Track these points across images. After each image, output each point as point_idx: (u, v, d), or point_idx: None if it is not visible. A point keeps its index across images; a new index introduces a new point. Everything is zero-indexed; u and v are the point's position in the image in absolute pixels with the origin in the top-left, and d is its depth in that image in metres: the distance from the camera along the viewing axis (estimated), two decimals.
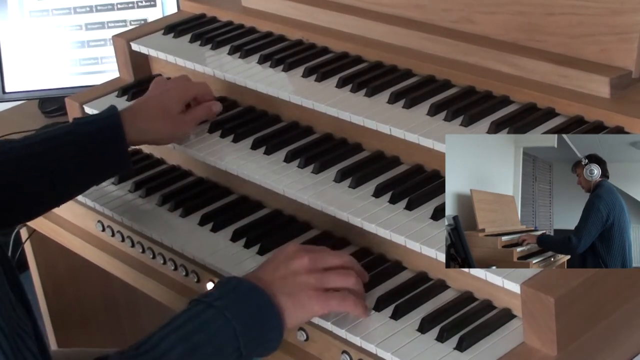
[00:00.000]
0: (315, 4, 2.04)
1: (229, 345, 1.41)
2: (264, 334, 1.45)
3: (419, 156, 1.71)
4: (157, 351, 1.37)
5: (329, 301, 1.49)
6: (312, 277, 1.50)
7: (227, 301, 1.44)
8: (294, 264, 1.51)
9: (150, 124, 1.84)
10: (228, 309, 1.42)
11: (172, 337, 1.38)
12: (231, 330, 1.41)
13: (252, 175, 1.78)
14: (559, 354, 1.39)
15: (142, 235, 1.86)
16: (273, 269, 1.51)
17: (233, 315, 1.42)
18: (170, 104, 1.87)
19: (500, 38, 1.79)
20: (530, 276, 1.41)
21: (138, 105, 1.88)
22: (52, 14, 2.51)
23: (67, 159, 1.76)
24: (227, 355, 1.41)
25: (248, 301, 1.45)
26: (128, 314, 2.60)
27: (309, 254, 1.53)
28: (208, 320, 1.41)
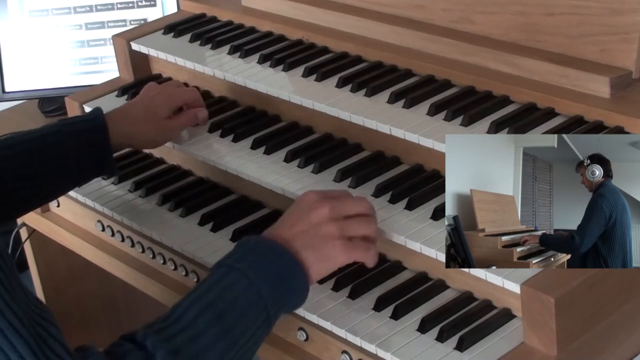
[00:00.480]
0: (315, 4, 2.04)
1: (256, 306, 1.40)
2: (289, 292, 1.43)
3: (419, 156, 1.71)
4: (185, 321, 1.35)
5: (354, 250, 1.48)
6: (334, 226, 1.47)
7: (250, 262, 1.42)
8: (314, 215, 1.48)
9: (135, 127, 1.84)
10: (251, 269, 1.41)
11: (198, 305, 1.37)
12: (256, 290, 1.40)
13: (252, 175, 1.78)
14: (559, 354, 1.39)
15: (141, 235, 1.86)
16: (293, 222, 1.48)
17: (257, 276, 1.40)
18: (156, 109, 1.87)
19: (500, 38, 1.79)
20: (530, 276, 1.41)
21: (124, 108, 1.88)
22: (52, 14, 2.51)
23: (50, 159, 1.76)
24: (255, 316, 1.39)
25: (271, 260, 1.43)
26: (128, 314, 2.60)
27: (329, 203, 1.49)
28: (232, 283, 1.40)
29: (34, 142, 1.77)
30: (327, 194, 1.52)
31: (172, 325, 1.35)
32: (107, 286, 2.47)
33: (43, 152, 1.76)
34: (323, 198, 1.50)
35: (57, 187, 1.83)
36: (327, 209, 1.48)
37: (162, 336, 1.33)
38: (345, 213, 1.49)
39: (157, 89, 1.93)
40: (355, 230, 1.49)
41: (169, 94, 1.91)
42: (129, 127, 1.84)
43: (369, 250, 1.49)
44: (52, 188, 1.82)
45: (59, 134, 1.78)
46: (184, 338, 1.34)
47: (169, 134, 1.90)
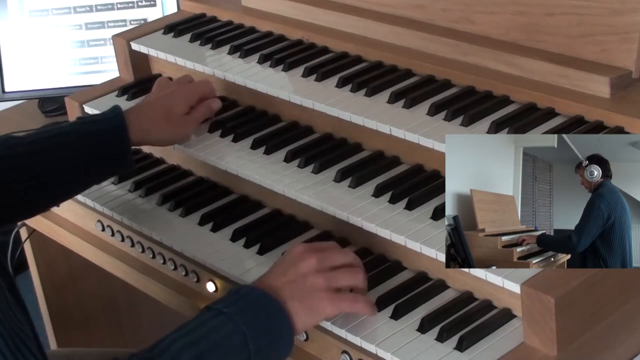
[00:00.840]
0: (315, 4, 2.04)
1: (240, 351, 1.41)
2: (274, 341, 1.44)
3: (419, 156, 1.71)
4: (168, 355, 1.37)
5: (340, 303, 1.49)
6: (321, 278, 1.49)
7: (238, 308, 1.43)
8: (302, 266, 1.50)
9: (154, 125, 1.85)
10: (238, 315, 1.42)
11: (182, 341, 1.39)
12: (241, 336, 1.41)
13: (252, 175, 1.78)
14: (559, 354, 1.39)
15: (141, 235, 1.86)
16: (281, 273, 1.51)
17: (243, 322, 1.42)
18: (175, 106, 1.87)
19: (500, 38, 1.79)
20: (530, 276, 1.41)
21: (142, 106, 1.88)
22: (52, 14, 2.51)
23: (69, 158, 1.76)
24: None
25: (258, 308, 1.44)
26: (128, 314, 2.60)
27: (316, 255, 1.52)
28: (218, 325, 1.41)
29: (52, 141, 1.77)
30: (314, 246, 1.56)
31: (154, 357, 1.37)
32: (107, 286, 2.47)
33: (62, 151, 1.76)
34: (310, 250, 1.53)
35: (76, 185, 1.84)
36: (314, 261, 1.50)
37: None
38: (332, 264, 1.52)
39: (172, 86, 1.93)
40: (342, 281, 1.51)
41: (186, 90, 1.91)
42: (147, 125, 1.84)
43: (357, 301, 1.50)
44: (71, 186, 1.82)
45: (77, 132, 1.78)
46: None
47: (187, 130, 1.89)
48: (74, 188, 1.85)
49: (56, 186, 1.78)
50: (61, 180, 1.78)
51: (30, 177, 1.74)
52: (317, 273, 1.49)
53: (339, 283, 1.50)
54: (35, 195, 1.77)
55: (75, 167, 1.77)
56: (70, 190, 1.84)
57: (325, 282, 1.49)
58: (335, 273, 1.51)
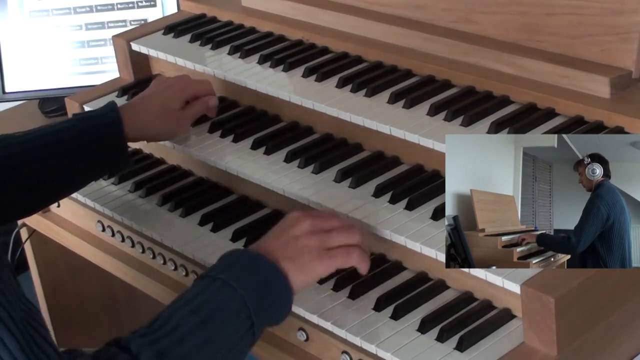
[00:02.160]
0: (316, 4, 2.04)
1: (240, 314, 1.40)
2: (273, 300, 1.44)
3: (419, 156, 1.71)
4: (169, 326, 1.36)
5: (332, 259, 1.49)
6: (313, 239, 1.49)
7: (231, 272, 1.43)
8: (295, 229, 1.51)
9: (149, 120, 1.85)
10: (233, 279, 1.42)
11: (183, 311, 1.38)
12: (240, 299, 1.41)
13: (252, 175, 1.78)
14: (559, 354, 1.39)
15: (142, 235, 1.86)
16: (275, 236, 1.51)
17: (239, 285, 1.41)
18: (170, 101, 1.87)
19: (500, 38, 1.79)
20: (530, 276, 1.41)
21: (138, 101, 1.88)
22: (52, 14, 2.51)
23: (65, 155, 1.76)
24: (239, 324, 1.40)
25: (252, 269, 1.44)
26: (128, 314, 2.60)
27: (310, 218, 1.52)
28: (215, 292, 1.41)
29: (48, 138, 1.77)
30: (312, 212, 1.56)
31: (156, 330, 1.36)
32: (107, 286, 2.47)
33: (57, 148, 1.76)
34: (306, 214, 1.54)
35: (73, 183, 1.83)
36: (308, 224, 1.51)
37: (147, 339, 1.34)
38: (326, 227, 1.52)
39: (169, 81, 1.93)
40: (335, 240, 1.51)
41: (182, 85, 1.91)
42: (143, 120, 1.84)
43: (350, 254, 1.50)
44: (68, 183, 1.82)
45: (72, 129, 1.78)
46: (168, 341, 1.35)
47: (182, 125, 1.90)
48: (71, 186, 1.85)
49: (53, 184, 1.78)
50: (57, 178, 1.78)
51: (27, 176, 1.74)
52: (310, 234, 1.50)
53: (333, 243, 1.50)
54: (32, 194, 1.77)
55: (71, 164, 1.77)
56: (68, 188, 1.84)
57: (318, 242, 1.49)
58: (329, 234, 1.51)
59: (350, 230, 1.53)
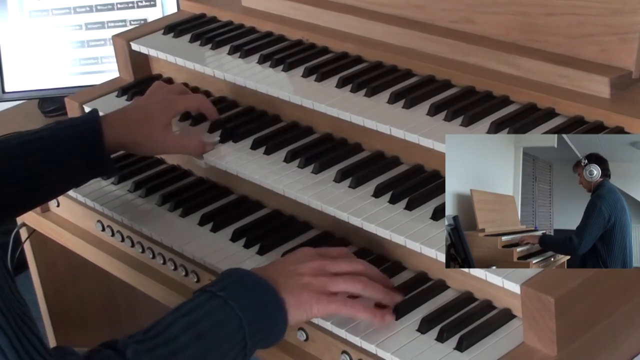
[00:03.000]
0: (315, 4, 2.04)
1: (235, 334, 1.42)
2: (269, 326, 1.45)
3: (419, 156, 1.71)
4: (166, 336, 1.38)
5: (329, 304, 1.49)
6: (317, 280, 1.50)
7: (232, 292, 1.44)
8: (303, 266, 1.51)
9: (128, 131, 1.81)
10: (232, 299, 1.43)
11: (180, 323, 1.39)
12: (236, 319, 1.42)
13: (252, 175, 1.78)
14: (559, 354, 1.39)
15: (141, 235, 1.86)
16: (282, 267, 1.52)
17: (238, 306, 1.43)
18: (153, 114, 1.84)
19: (500, 38, 1.79)
20: (530, 276, 1.41)
21: (122, 111, 1.86)
22: (52, 14, 2.51)
23: (44, 162, 1.75)
24: (233, 344, 1.42)
25: (252, 292, 1.45)
26: (128, 314, 2.60)
27: (320, 259, 1.53)
28: (214, 308, 1.42)
29: (29, 145, 1.76)
30: (323, 251, 1.56)
31: (153, 338, 1.37)
32: (107, 286, 2.47)
33: (38, 155, 1.75)
34: (317, 253, 1.54)
35: (54, 189, 1.84)
36: (317, 264, 1.52)
37: (144, 346, 1.35)
38: (334, 270, 1.52)
39: (160, 96, 1.89)
40: (338, 286, 1.51)
41: (170, 101, 1.88)
42: (124, 132, 1.81)
43: (346, 305, 1.49)
44: (49, 190, 1.82)
45: (54, 138, 1.77)
46: (164, 351, 1.36)
47: (163, 146, 1.86)
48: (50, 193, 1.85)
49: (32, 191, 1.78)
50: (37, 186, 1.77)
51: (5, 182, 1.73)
52: (315, 275, 1.50)
53: (334, 288, 1.50)
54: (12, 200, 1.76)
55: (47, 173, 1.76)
56: (47, 195, 1.85)
57: (320, 285, 1.50)
58: (333, 278, 1.51)
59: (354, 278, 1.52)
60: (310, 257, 1.53)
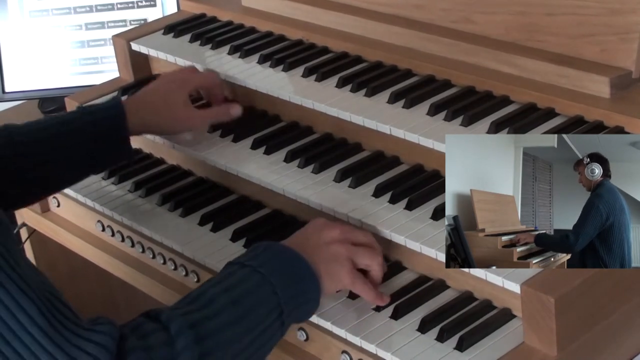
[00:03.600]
0: (315, 4, 2.04)
1: (269, 300, 1.42)
2: (302, 292, 1.46)
3: (419, 156, 1.71)
4: (202, 301, 1.38)
5: (356, 279, 1.51)
6: (344, 248, 1.51)
7: (261, 260, 1.45)
8: (325, 235, 1.52)
9: (152, 113, 1.84)
10: (262, 267, 1.43)
11: (215, 289, 1.40)
12: (269, 286, 1.42)
13: (252, 175, 1.78)
14: (559, 354, 1.39)
15: (141, 235, 1.86)
16: (304, 238, 1.53)
17: (269, 273, 1.43)
18: (172, 94, 1.86)
19: (500, 38, 1.79)
20: (530, 276, 1.41)
21: (141, 94, 1.88)
22: (52, 14, 2.51)
23: (68, 146, 1.77)
24: (269, 310, 1.42)
25: (283, 261, 1.46)
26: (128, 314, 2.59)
27: (339, 227, 1.54)
28: (244, 276, 1.43)
29: (52, 130, 1.78)
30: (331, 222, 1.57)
31: (189, 304, 1.38)
32: (107, 286, 2.47)
33: (61, 140, 1.77)
34: (333, 222, 1.56)
35: (76, 173, 1.84)
36: (338, 232, 1.53)
37: (179, 311, 1.35)
38: (354, 240, 1.54)
39: (173, 75, 1.93)
40: (362, 257, 1.52)
41: (184, 78, 1.90)
42: (146, 114, 1.83)
43: (370, 290, 1.52)
44: (71, 174, 1.83)
45: (77, 121, 1.79)
46: (200, 315, 1.35)
47: (190, 121, 1.88)
48: (72, 177, 1.85)
49: (54, 175, 1.79)
50: (58, 169, 1.79)
51: (29, 166, 1.75)
52: (340, 243, 1.51)
53: (359, 259, 1.52)
54: (32, 184, 1.77)
55: (72, 156, 1.78)
56: (68, 179, 1.85)
57: (347, 252, 1.51)
58: (357, 248, 1.52)
59: (374, 252, 1.54)
60: (328, 226, 1.54)
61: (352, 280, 1.51)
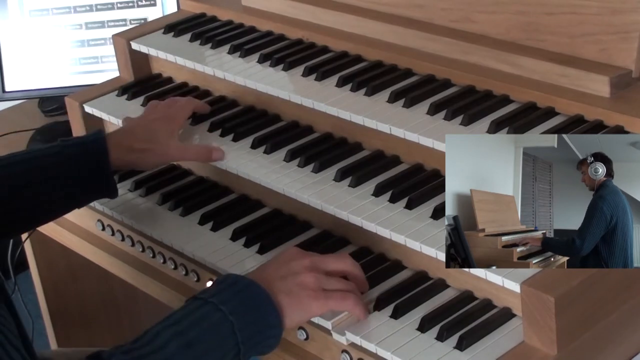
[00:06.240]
0: (315, 3, 2.04)
1: (227, 341, 1.41)
2: (263, 331, 1.44)
3: (419, 155, 1.71)
4: (153, 345, 1.37)
5: (327, 300, 1.49)
6: (312, 277, 1.50)
7: (224, 297, 1.44)
8: (295, 265, 1.51)
9: (135, 150, 1.80)
10: (224, 305, 1.42)
11: (168, 332, 1.38)
12: (229, 325, 1.41)
13: (252, 175, 1.78)
14: (559, 353, 1.39)
15: (141, 235, 1.86)
16: (274, 269, 1.52)
17: (230, 311, 1.42)
18: (158, 133, 1.83)
19: (500, 37, 1.79)
20: (530, 276, 1.41)
21: (124, 130, 1.86)
22: (52, 13, 2.51)
23: (49, 181, 1.73)
24: (225, 351, 1.41)
25: (246, 297, 1.45)
26: (128, 314, 2.60)
27: (310, 256, 1.54)
28: (204, 315, 1.41)
29: (33, 163, 1.75)
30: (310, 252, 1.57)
31: (139, 349, 1.36)
32: (107, 286, 2.48)
33: (42, 174, 1.74)
34: (305, 252, 1.55)
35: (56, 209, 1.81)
36: (308, 261, 1.52)
37: (129, 356, 1.34)
38: (325, 268, 1.53)
39: (157, 113, 1.89)
40: (332, 284, 1.51)
41: (167, 116, 1.87)
42: (129, 151, 1.80)
43: (346, 298, 1.50)
44: (51, 209, 1.79)
45: (59, 155, 1.75)
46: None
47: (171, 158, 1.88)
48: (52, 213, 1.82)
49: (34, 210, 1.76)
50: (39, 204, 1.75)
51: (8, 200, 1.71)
52: (309, 271, 1.50)
53: (330, 285, 1.51)
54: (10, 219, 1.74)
55: (53, 192, 1.74)
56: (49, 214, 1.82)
57: (316, 281, 1.50)
58: (328, 278, 1.52)
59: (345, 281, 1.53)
60: (300, 255, 1.54)
61: (321, 305, 1.49)
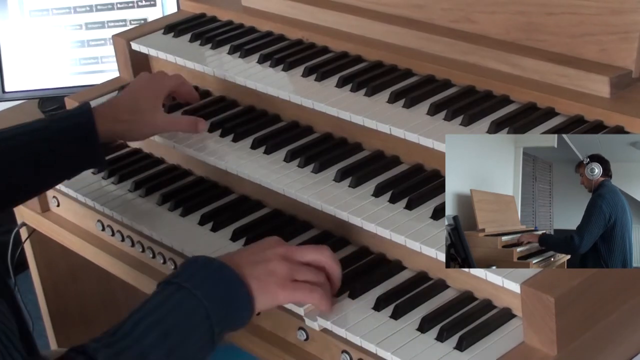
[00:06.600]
0: (315, 4, 2.04)
1: (201, 325, 1.43)
2: (234, 313, 1.46)
3: (419, 156, 1.71)
4: (132, 337, 1.38)
5: (294, 291, 1.51)
6: (283, 266, 1.51)
7: (197, 281, 1.45)
8: (269, 252, 1.53)
9: (122, 121, 1.84)
10: (198, 289, 1.44)
11: (146, 322, 1.40)
12: (203, 310, 1.43)
13: (252, 175, 1.78)
14: (559, 353, 1.39)
15: (141, 235, 1.86)
16: (248, 254, 1.53)
17: (204, 295, 1.43)
18: (142, 102, 1.86)
19: (500, 37, 1.79)
20: (530, 276, 1.41)
21: (111, 102, 1.88)
22: (52, 14, 2.51)
23: (38, 154, 1.77)
24: (200, 335, 1.42)
25: (217, 279, 1.46)
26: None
27: (285, 246, 1.55)
28: (180, 302, 1.43)
29: (21, 138, 1.78)
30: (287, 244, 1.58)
31: (119, 342, 1.38)
32: (107, 286, 2.47)
33: (30, 148, 1.76)
34: (282, 242, 1.56)
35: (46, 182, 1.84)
36: (283, 250, 1.53)
37: (112, 351, 1.35)
38: (299, 258, 1.54)
39: (143, 82, 1.92)
40: (302, 274, 1.52)
41: (154, 87, 1.90)
42: (116, 121, 1.83)
43: (313, 292, 1.51)
44: (40, 182, 1.83)
45: (46, 130, 1.79)
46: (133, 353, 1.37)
47: (158, 129, 1.90)
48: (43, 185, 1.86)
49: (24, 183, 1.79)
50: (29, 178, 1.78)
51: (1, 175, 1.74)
52: (282, 261, 1.51)
53: (300, 276, 1.52)
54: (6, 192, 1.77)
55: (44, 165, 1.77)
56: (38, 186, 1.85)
57: (286, 270, 1.51)
58: (299, 266, 1.52)
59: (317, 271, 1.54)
60: (277, 243, 1.55)
61: (287, 294, 1.50)
